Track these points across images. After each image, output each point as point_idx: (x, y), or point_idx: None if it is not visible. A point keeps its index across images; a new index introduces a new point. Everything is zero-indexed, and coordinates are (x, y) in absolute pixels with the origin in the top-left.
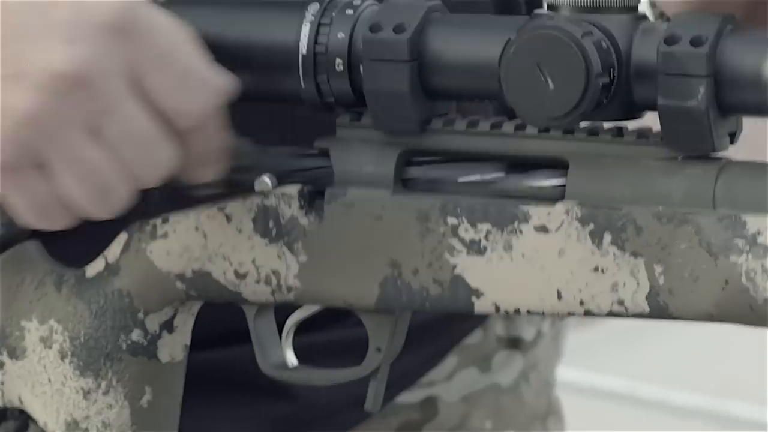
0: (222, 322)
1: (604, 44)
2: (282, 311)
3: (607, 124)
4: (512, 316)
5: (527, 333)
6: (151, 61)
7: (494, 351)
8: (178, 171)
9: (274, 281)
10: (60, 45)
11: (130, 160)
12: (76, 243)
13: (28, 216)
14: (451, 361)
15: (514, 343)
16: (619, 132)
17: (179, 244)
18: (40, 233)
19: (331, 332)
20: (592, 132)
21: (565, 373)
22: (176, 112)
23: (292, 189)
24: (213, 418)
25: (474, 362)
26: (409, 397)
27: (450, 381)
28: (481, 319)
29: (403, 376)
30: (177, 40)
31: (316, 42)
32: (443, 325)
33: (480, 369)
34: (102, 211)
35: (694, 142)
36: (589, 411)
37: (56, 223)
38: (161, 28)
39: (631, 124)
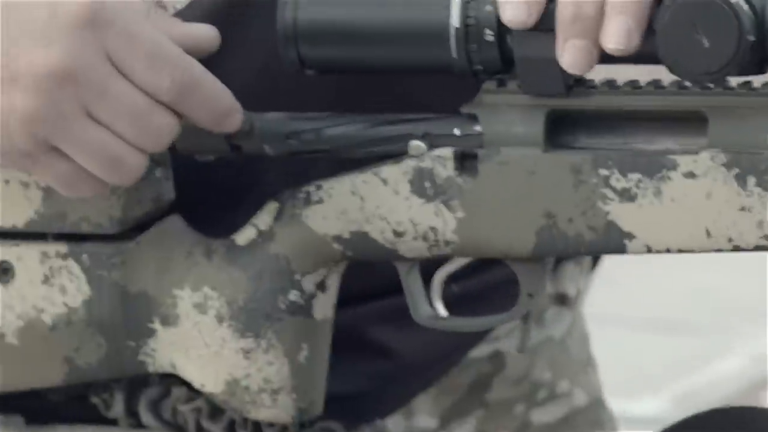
0: None
1: (748, 5)
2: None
3: (734, 80)
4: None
5: (571, 290)
6: (122, 45)
7: (546, 307)
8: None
9: (431, 237)
10: (39, 49)
11: (131, 132)
12: (209, 216)
13: (59, 188)
14: None
15: (561, 300)
16: (749, 86)
17: (336, 208)
18: (177, 208)
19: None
20: (726, 87)
21: None
22: (154, 87)
23: (446, 151)
24: None
25: (531, 318)
26: (480, 351)
27: (511, 336)
28: None
29: (475, 332)
30: (141, 24)
31: (466, 15)
32: (507, 284)
33: (536, 324)
34: (121, 179)
35: None
36: None
37: (85, 191)
38: (125, 16)
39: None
